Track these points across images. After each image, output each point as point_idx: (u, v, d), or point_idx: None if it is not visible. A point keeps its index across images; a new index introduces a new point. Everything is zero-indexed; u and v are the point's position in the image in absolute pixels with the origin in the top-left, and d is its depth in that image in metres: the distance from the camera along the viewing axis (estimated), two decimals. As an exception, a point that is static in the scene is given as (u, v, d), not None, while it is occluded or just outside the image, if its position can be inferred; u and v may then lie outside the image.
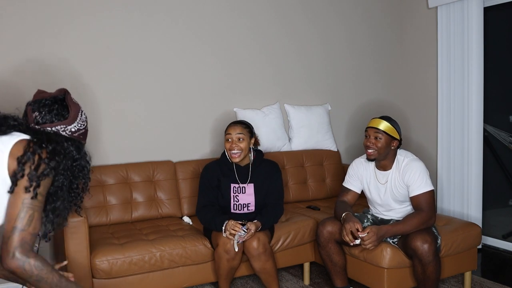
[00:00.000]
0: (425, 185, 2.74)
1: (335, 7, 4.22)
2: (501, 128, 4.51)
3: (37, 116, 1.67)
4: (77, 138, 1.71)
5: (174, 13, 3.59)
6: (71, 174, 1.70)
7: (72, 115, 1.69)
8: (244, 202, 2.97)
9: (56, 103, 1.71)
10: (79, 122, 1.71)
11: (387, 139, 2.78)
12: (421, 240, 2.58)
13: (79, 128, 1.71)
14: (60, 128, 1.66)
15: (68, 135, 1.68)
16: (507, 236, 4.06)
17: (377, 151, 2.78)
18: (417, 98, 4.40)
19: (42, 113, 1.68)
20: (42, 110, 1.68)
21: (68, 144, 1.68)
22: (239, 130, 2.91)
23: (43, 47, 3.20)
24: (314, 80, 4.18)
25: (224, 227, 2.74)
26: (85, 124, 1.75)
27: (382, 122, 2.79)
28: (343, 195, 3.00)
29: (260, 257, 2.76)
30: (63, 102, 1.72)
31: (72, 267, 2.61)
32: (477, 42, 3.74)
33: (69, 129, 1.68)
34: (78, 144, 1.73)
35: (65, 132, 1.67)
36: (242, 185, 2.98)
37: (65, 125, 1.67)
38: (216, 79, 3.78)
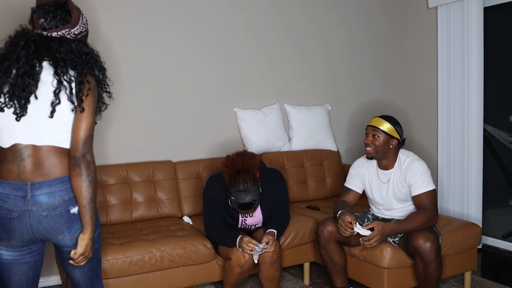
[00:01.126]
0: (427, 185, 2.74)
1: (335, 7, 4.23)
2: (501, 128, 4.52)
3: (43, 22, 1.81)
4: (80, 40, 1.86)
5: (174, 13, 3.59)
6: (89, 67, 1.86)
7: (74, 19, 1.83)
8: (252, 224, 2.95)
9: (59, 8, 1.84)
10: (81, 25, 1.86)
11: (385, 138, 2.78)
12: (423, 238, 2.59)
13: (81, 30, 1.86)
14: (65, 32, 1.81)
15: (72, 37, 1.83)
16: (507, 236, 4.06)
17: (375, 149, 2.80)
18: (417, 98, 4.40)
19: (47, 19, 1.81)
20: (47, 16, 1.82)
21: (76, 44, 1.84)
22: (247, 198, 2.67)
23: None
24: (314, 80, 4.18)
25: (237, 243, 2.67)
26: (86, 26, 1.89)
27: (380, 121, 2.80)
28: (344, 195, 3.00)
29: (273, 265, 2.75)
30: (65, 7, 1.85)
31: (72, 267, 2.62)
32: (477, 42, 3.75)
33: (73, 32, 1.83)
34: (84, 43, 1.89)
35: (70, 35, 1.82)
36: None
37: (69, 28, 1.82)
38: (216, 79, 3.78)
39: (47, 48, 1.79)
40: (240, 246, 2.66)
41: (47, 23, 1.81)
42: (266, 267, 2.74)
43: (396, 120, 2.86)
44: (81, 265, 1.84)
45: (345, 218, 2.66)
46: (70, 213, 1.78)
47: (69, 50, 1.82)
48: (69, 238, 1.80)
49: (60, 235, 1.80)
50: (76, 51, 1.84)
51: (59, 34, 1.80)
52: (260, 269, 2.79)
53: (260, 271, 2.79)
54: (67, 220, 1.78)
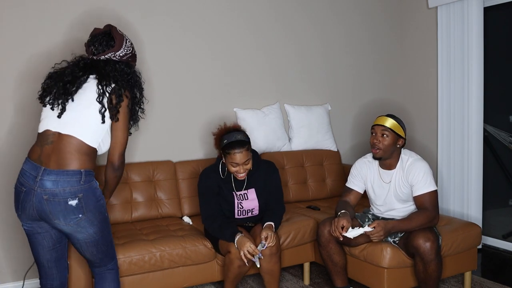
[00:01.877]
0: (429, 185, 2.74)
1: (335, 7, 4.23)
2: (501, 128, 4.52)
3: (93, 49, 2.20)
4: (125, 61, 2.21)
5: (174, 14, 3.59)
6: (129, 85, 2.18)
7: (117, 43, 2.18)
8: (248, 208, 2.95)
9: (105, 36, 2.21)
10: (125, 48, 2.20)
11: (394, 137, 2.78)
12: (423, 238, 2.59)
13: (126, 52, 2.21)
14: (111, 55, 2.16)
15: (117, 59, 2.17)
16: (507, 236, 4.06)
17: (383, 149, 2.77)
18: (417, 98, 4.40)
19: (96, 45, 2.19)
20: (95, 43, 2.20)
21: (119, 65, 2.18)
22: (245, 156, 2.76)
23: (44, 47, 3.20)
24: (314, 80, 4.18)
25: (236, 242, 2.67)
26: (131, 49, 2.24)
27: (388, 120, 2.79)
28: (345, 195, 3.00)
29: (272, 258, 2.75)
30: (110, 35, 2.21)
31: (72, 267, 2.61)
32: (477, 42, 3.75)
33: (118, 54, 2.18)
34: (128, 65, 2.22)
35: (115, 57, 2.17)
36: (244, 192, 2.95)
37: (113, 52, 2.17)
38: (216, 79, 3.78)
39: (94, 66, 2.14)
40: (239, 247, 2.64)
41: (95, 48, 2.19)
42: (266, 260, 2.74)
43: (400, 119, 2.86)
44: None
45: (339, 222, 2.67)
46: (68, 204, 1.99)
47: (113, 69, 2.15)
48: (64, 224, 2.03)
49: (56, 220, 2.02)
50: (119, 70, 2.16)
51: (106, 57, 2.16)
52: (261, 264, 2.78)
53: (260, 265, 2.78)
54: (64, 209, 2.00)
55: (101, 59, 2.17)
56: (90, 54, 2.19)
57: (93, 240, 2.12)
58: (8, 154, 3.14)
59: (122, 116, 2.13)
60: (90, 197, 2.06)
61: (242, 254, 2.62)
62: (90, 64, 2.16)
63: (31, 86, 2.94)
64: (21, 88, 3.13)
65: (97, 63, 2.16)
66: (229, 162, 2.78)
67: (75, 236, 2.09)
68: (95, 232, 2.11)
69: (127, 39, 2.23)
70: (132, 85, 2.21)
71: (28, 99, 3.06)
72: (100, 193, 2.14)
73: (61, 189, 1.98)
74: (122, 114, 2.13)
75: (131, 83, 2.20)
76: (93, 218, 2.08)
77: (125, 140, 2.17)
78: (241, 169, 2.78)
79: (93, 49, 2.19)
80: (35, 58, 3.13)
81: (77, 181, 2.01)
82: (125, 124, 2.14)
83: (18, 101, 3.14)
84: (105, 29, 2.25)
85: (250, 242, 2.62)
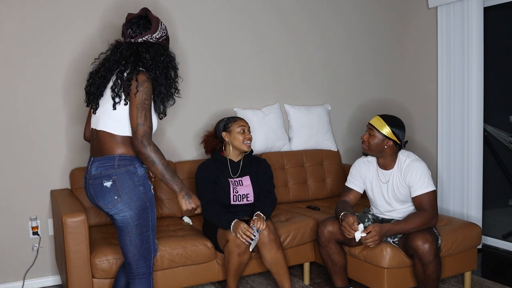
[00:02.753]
0: (427, 186, 2.74)
1: (335, 7, 4.23)
2: (501, 128, 4.52)
3: (130, 32, 2.27)
4: (161, 43, 2.29)
5: (174, 14, 3.59)
6: (163, 66, 2.24)
7: (154, 26, 2.25)
8: (244, 193, 3.04)
9: (142, 19, 2.29)
10: (160, 30, 2.28)
11: (380, 138, 2.79)
12: (422, 240, 2.58)
13: (162, 35, 2.29)
14: (148, 37, 2.24)
15: (154, 41, 2.26)
16: (507, 236, 4.06)
17: (368, 147, 2.83)
18: (417, 98, 4.40)
19: (133, 28, 2.27)
20: (133, 26, 2.27)
21: (155, 47, 2.25)
22: (246, 122, 3.11)
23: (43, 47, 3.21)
24: (314, 80, 4.18)
25: (232, 227, 2.77)
26: (166, 32, 2.31)
27: (378, 121, 2.81)
28: (345, 195, 3.00)
29: (271, 245, 2.78)
30: (146, 18, 2.30)
31: (72, 267, 2.62)
32: (477, 42, 3.75)
33: (154, 36, 2.26)
34: (163, 46, 2.30)
35: (152, 39, 2.25)
36: (239, 178, 3.06)
37: (150, 34, 2.24)
38: (216, 79, 3.78)
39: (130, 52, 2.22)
40: (234, 231, 2.73)
41: (133, 31, 2.27)
42: (266, 248, 2.78)
43: (398, 122, 2.84)
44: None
45: (349, 220, 2.67)
46: (103, 185, 2.17)
47: (146, 51, 2.22)
48: (104, 206, 2.21)
49: (99, 202, 2.22)
50: (152, 52, 2.23)
51: (143, 39, 2.24)
52: (262, 254, 2.81)
53: (263, 256, 2.81)
54: (101, 191, 2.18)
55: (138, 42, 2.23)
56: (128, 37, 2.26)
57: (129, 227, 2.20)
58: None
59: (132, 99, 2.13)
60: (126, 181, 2.17)
61: (238, 235, 2.70)
62: (126, 50, 2.23)
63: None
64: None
65: (132, 48, 2.22)
66: (236, 130, 3.04)
67: (115, 220, 2.23)
68: (131, 217, 2.18)
69: (161, 21, 2.30)
70: (166, 66, 2.26)
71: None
72: (140, 179, 2.20)
73: (98, 172, 2.18)
74: (132, 98, 2.13)
75: (164, 64, 2.26)
76: (130, 202, 2.17)
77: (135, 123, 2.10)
78: (248, 136, 3.05)
79: (131, 32, 2.26)
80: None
81: (111, 165, 2.17)
82: (134, 107, 2.11)
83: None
84: (141, 13, 2.30)
85: (244, 223, 2.74)
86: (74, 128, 3.30)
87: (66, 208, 2.73)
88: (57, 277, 3.32)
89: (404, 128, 2.84)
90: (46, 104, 3.24)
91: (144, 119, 2.10)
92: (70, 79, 3.29)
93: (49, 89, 3.23)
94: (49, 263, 3.30)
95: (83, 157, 3.32)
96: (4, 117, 3.14)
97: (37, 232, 3.22)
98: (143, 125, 2.10)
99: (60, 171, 3.29)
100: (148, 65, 2.20)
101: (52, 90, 3.24)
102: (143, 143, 2.08)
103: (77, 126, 3.28)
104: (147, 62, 2.20)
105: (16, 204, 3.20)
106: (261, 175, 3.13)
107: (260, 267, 3.06)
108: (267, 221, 2.86)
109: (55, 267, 3.32)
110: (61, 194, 3.14)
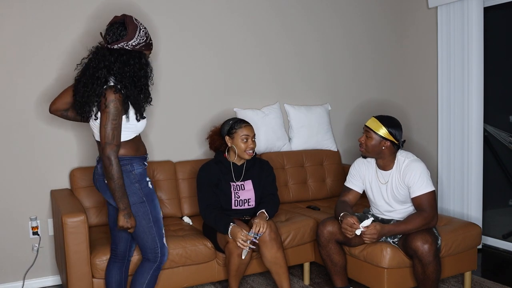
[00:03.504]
0: (426, 186, 2.73)
1: (335, 7, 4.23)
2: (501, 128, 4.52)
3: (107, 37, 2.28)
4: (138, 50, 2.29)
5: (174, 14, 3.59)
6: (131, 75, 2.27)
7: (129, 33, 2.25)
8: (245, 198, 3.01)
9: (120, 25, 2.28)
10: (138, 38, 2.27)
11: (377, 139, 2.79)
12: (421, 240, 2.58)
13: (139, 42, 2.28)
14: (124, 44, 2.24)
15: (130, 48, 2.26)
16: (507, 236, 4.06)
17: (366, 149, 2.83)
18: (417, 98, 4.40)
19: (110, 35, 2.28)
20: (109, 32, 2.28)
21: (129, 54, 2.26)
22: (252, 129, 3.03)
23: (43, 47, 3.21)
24: (314, 80, 4.18)
25: (230, 232, 2.74)
26: (145, 38, 2.30)
27: (375, 123, 2.80)
28: (344, 195, 3.00)
29: (272, 244, 2.77)
30: (124, 24, 2.28)
31: (72, 267, 2.62)
32: (477, 42, 3.74)
33: (130, 43, 2.25)
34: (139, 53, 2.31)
35: (128, 47, 2.25)
36: (241, 183, 3.03)
37: (126, 41, 2.24)
38: (216, 79, 3.78)
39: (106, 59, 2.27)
40: (233, 236, 2.71)
41: (109, 37, 2.27)
42: (267, 247, 2.77)
43: (395, 122, 2.83)
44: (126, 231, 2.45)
45: (348, 221, 2.67)
46: (105, 182, 2.35)
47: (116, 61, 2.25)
48: (108, 198, 2.41)
49: (103, 195, 2.44)
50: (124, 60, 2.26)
51: (119, 46, 2.24)
52: (263, 253, 2.80)
53: (263, 255, 2.80)
54: (104, 186, 2.38)
55: (114, 48, 2.26)
56: (106, 42, 2.29)
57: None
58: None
59: (102, 115, 2.24)
60: (124, 178, 2.29)
61: (239, 244, 2.69)
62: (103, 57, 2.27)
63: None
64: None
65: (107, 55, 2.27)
66: (240, 137, 2.97)
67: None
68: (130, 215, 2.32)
69: (141, 28, 2.30)
70: (135, 74, 2.29)
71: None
72: (136, 177, 2.34)
73: (101, 170, 2.36)
74: (102, 114, 2.25)
75: (132, 72, 2.28)
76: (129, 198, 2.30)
77: (103, 141, 2.22)
78: (251, 146, 2.97)
79: (108, 38, 2.29)
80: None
81: None
82: (103, 126, 2.23)
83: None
84: (120, 18, 2.32)
85: (242, 230, 2.71)
86: (74, 128, 3.30)
87: (66, 208, 2.74)
88: (57, 277, 3.32)
89: (400, 127, 2.83)
90: (46, 104, 3.23)
91: (112, 138, 2.22)
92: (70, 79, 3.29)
93: (49, 89, 3.23)
94: (49, 263, 3.31)
95: (83, 157, 3.32)
96: (4, 116, 3.15)
97: (37, 232, 3.22)
98: (110, 144, 2.22)
99: (60, 171, 3.29)
100: (118, 74, 2.25)
101: (52, 90, 3.24)
102: (110, 160, 2.21)
103: (77, 126, 3.28)
104: (116, 71, 2.25)
105: (16, 204, 3.20)
106: (263, 178, 3.10)
107: (260, 267, 3.06)
108: (269, 220, 2.85)
109: (55, 267, 3.32)
110: (61, 194, 3.14)
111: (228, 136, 3.01)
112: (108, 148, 2.21)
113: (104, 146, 2.22)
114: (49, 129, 3.25)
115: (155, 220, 2.41)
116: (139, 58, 2.31)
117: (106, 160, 2.22)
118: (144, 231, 2.39)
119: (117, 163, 2.22)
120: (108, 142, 2.21)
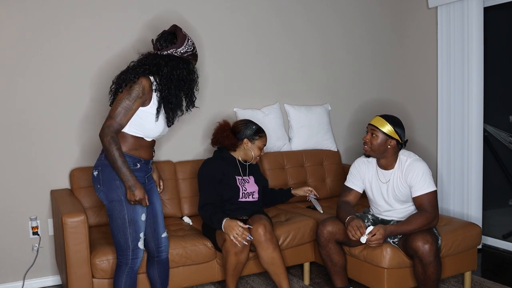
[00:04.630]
0: (428, 186, 2.74)
1: (335, 7, 4.23)
2: (501, 128, 4.52)
3: (158, 45, 2.46)
4: (186, 58, 2.45)
5: (173, 14, 3.59)
6: (178, 79, 2.42)
7: (179, 41, 2.43)
8: (251, 191, 3.08)
9: (170, 34, 2.48)
10: (186, 46, 2.44)
11: (383, 138, 2.78)
12: (422, 240, 2.58)
13: (187, 50, 2.44)
14: (173, 51, 2.41)
15: (178, 55, 2.42)
16: (507, 236, 4.06)
17: (371, 148, 2.81)
18: (417, 98, 4.40)
19: (160, 42, 2.46)
20: (160, 40, 2.47)
21: (177, 60, 2.42)
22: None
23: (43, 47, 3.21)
24: (314, 80, 4.18)
25: (223, 227, 2.75)
26: (192, 48, 2.47)
27: (381, 121, 2.80)
28: (345, 195, 3.00)
29: (268, 245, 2.77)
30: (174, 34, 2.47)
31: (72, 267, 2.62)
32: (477, 42, 3.75)
33: (179, 51, 2.42)
34: (186, 61, 2.45)
35: (176, 53, 2.42)
36: (246, 177, 3.12)
37: (175, 48, 2.41)
38: (216, 79, 3.78)
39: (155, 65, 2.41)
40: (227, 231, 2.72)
41: (159, 44, 2.46)
42: (263, 248, 2.77)
43: (398, 121, 2.84)
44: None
45: (358, 222, 2.67)
46: (93, 173, 2.42)
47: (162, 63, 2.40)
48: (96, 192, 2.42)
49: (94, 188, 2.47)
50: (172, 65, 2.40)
51: (168, 52, 2.41)
52: (259, 254, 2.80)
53: (260, 256, 2.80)
54: (92, 178, 2.44)
55: (163, 54, 2.42)
56: (156, 49, 2.45)
57: (109, 217, 2.41)
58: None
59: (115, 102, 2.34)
60: (107, 173, 2.35)
61: (232, 238, 2.69)
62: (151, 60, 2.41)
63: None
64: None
65: (156, 59, 2.42)
66: (258, 145, 3.09)
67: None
68: (108, 208, 2.40)
69: (189, 39, 2.46)
70: (182, 79, 2.44)
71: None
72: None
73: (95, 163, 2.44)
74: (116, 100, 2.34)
75: (180, 77, 2.43)
76: (107, 193, 2.37)
77: (113, 108, 2.31)
78: (263, 153, 3.15)
79: (158, 45, 2.45)
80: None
81: (100, 157, 2.41)
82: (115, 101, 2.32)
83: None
84: (171, 29, 2.50)
85: (237, 222, 2.73)
86: (74, 128, 3.30)
87: (66, 208, 2.74)
88: (57, 277, 3.32)
89: (403, 127, 2.85)
90: (46, 104, 3.24)
91: (115, 114, 2.28)
92: (70, 79, 3.29)
93: (49, 89, 3.23)
94: (49, 263, 3.31)
95: (83, 157, 3.32)
96: (4, 116, 3.15)
97: (37, 232, 3.22)
98: (111, 118, 2.29)
99: (60, 171, 3.29)
100: (165, 77, 2.38)
101: (52, 90, 3.24)
102: (104, 133, 2.27)
103: (77, 126, 3.28)
104: (164, 73, 2.38)
105: (16, 204, 3.20)
106: (258, 173, 3.26)
107: (260, 267, 3.06)
108: (263, 220, 2.84)
109: (55, 267, 3.32)
110: (61, 194, 3.14)
111: (247, 139, 3.07)
112: (108, 122, 2.28)
113: (106, 118, 2.30)
114: (49, 129, 3.25)
115: (132, 221, 2.37)
116: (187, 64, 2.46)
117: (102, 133, 2.28)
118: (118, 230, 2.39)
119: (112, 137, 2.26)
120: (111, 116, 2.29)
